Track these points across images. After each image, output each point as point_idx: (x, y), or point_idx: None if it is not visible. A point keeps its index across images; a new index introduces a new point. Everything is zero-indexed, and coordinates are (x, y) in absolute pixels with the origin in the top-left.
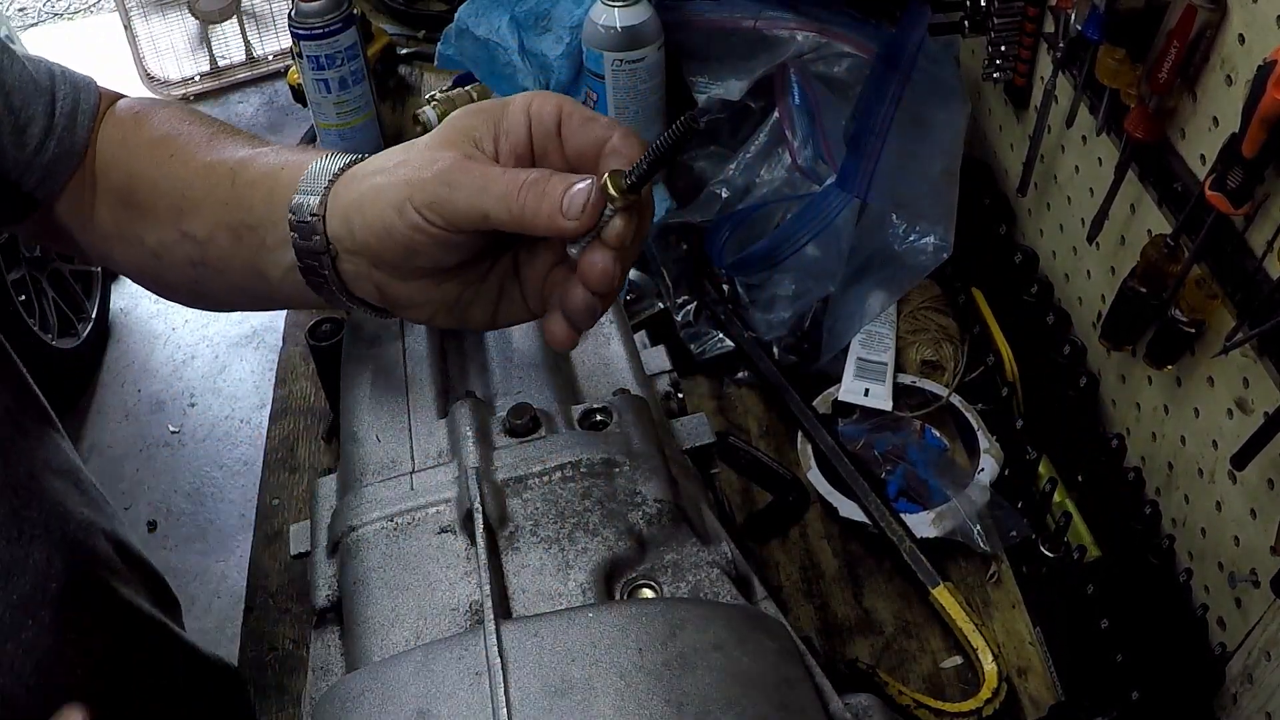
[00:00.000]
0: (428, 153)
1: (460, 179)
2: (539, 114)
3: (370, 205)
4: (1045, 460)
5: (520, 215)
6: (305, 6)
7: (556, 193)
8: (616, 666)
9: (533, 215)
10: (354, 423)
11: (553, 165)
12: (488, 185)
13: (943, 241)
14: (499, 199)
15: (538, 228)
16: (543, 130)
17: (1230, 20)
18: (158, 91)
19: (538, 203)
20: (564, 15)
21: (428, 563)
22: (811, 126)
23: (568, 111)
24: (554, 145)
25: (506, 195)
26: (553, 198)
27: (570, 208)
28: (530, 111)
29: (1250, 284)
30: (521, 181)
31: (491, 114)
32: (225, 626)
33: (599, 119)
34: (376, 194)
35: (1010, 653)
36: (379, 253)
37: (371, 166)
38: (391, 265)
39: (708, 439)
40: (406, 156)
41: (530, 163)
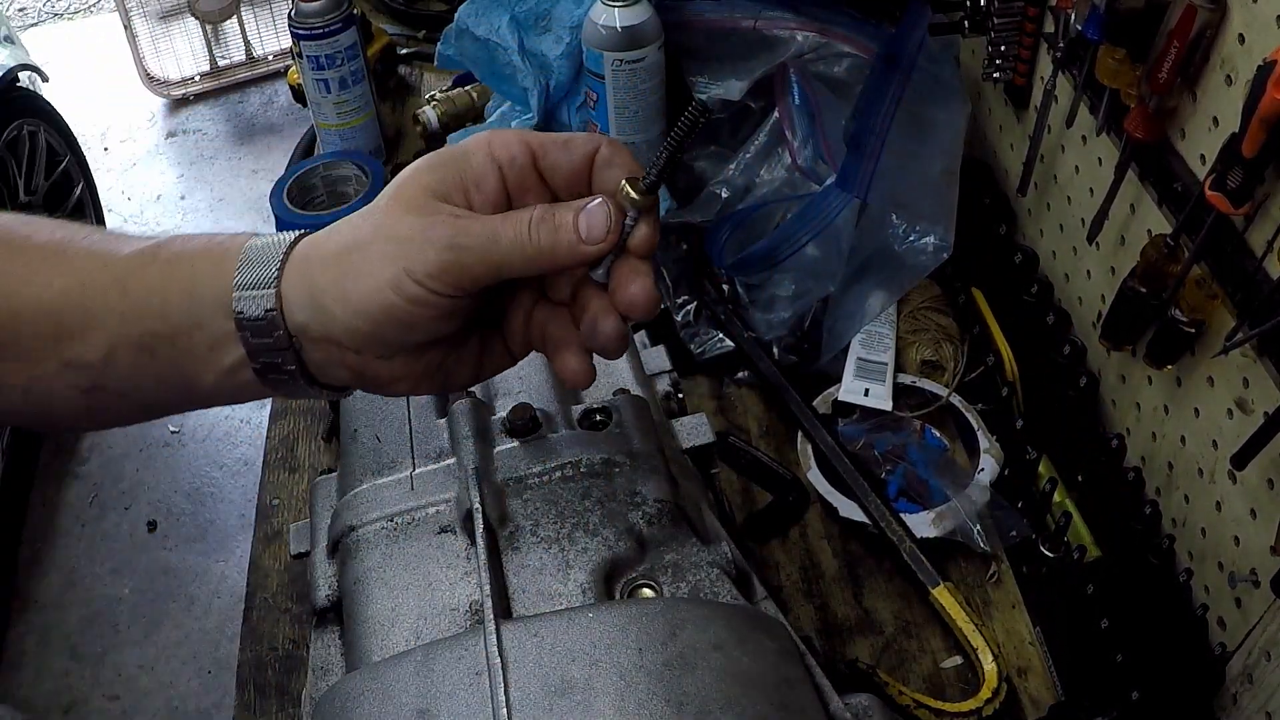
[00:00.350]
0: (408, 219)
1: (464, 240)
2: (507, 156)
3: (355, 287)
4: (1045, 460)
5: (538, 256)
6: (305, 6)
7: (569, 221)
8: (616, 666)
9: (551, 252)
10: (354, 423)
11: (533, 202)
12: (496, 237)
13: (943, 241)
14: (513, 247)
15: (559, 263)
16: (516, 170)
17: (1230, 20)
18: (158, 92)
19: (554, 237)
20: (564, 15)
21: (428, 563)
22: (811, 126)
23: (539, 143)
24: (531, 181)
25: (519, 241)
26: (567, 227)
27: (591, 231)
28: (495, 156)
29: (1250, 284)
30: (529, 221)
31: (452, 166)
32: (225, 626)
33: (575, 136)
34: (361, 273)
35: (1010, 653)
36: (370, 335)
37: (334, 244)
38: (381, 345)
39: (708, 439)
40: (379, 226)
41: (507, 207)
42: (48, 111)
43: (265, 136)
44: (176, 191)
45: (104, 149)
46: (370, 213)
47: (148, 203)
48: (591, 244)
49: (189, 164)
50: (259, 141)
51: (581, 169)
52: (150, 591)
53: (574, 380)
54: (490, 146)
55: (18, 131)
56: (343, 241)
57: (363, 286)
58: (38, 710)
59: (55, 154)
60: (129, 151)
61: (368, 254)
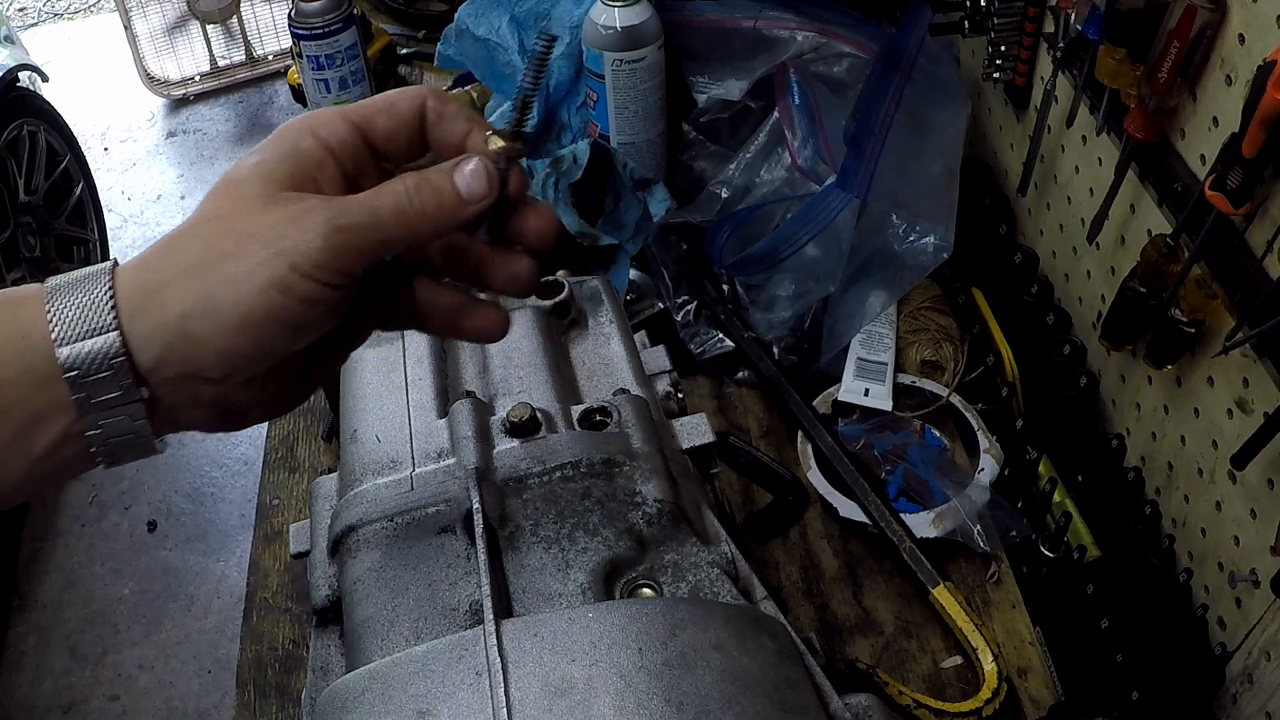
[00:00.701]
0: (270, 215)
1: (345, 219)
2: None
3: (232, 298)
4: (1045, 460)
5: (422, 222)
6: (305, 6)
7: (446, 183)
8: (616, 666)
9: (436, 215)
10: (354, 423)
11: (373, 180)
12: (376, 210)
13: (943, 241)
14: (395, 218)
15: (444, 226)
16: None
17: (1230, 20)
18: (158, 92)
19: (436, 200)
20: (564, 15)
21: (428, 563)
22: (811, 126)
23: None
24: (365, 157)
25: (400, 210)
26: (445, 189)
27: (472, 189)
28: (323, 139)
29: (1250, 284)
30: (404, 190)
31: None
32: (225, 626)
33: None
34: (236, 281)
35: (1010, 653)
36: (250, 353)
37: (184, 260)
38: (257, 362)
39: (708, 439)
40: (238, 230)
41: (353, 190)
42: (48, 111)
43: (265, 136)
44: (177, 191)
45: (104, 149)
46: (213, 220)
47: (148, 203)
48: (474, 201)
49: (189, 164)
50: (259, 141)
51: (415, 129)
52: (150, 591)
53: (493, 331)
54: (315, 131)
55: (18, 131)
56: (196, 255)
57: (243, 296)
58: (38, 710)
59: (55, 154)
60: (129, 151)
61: (238, 260)
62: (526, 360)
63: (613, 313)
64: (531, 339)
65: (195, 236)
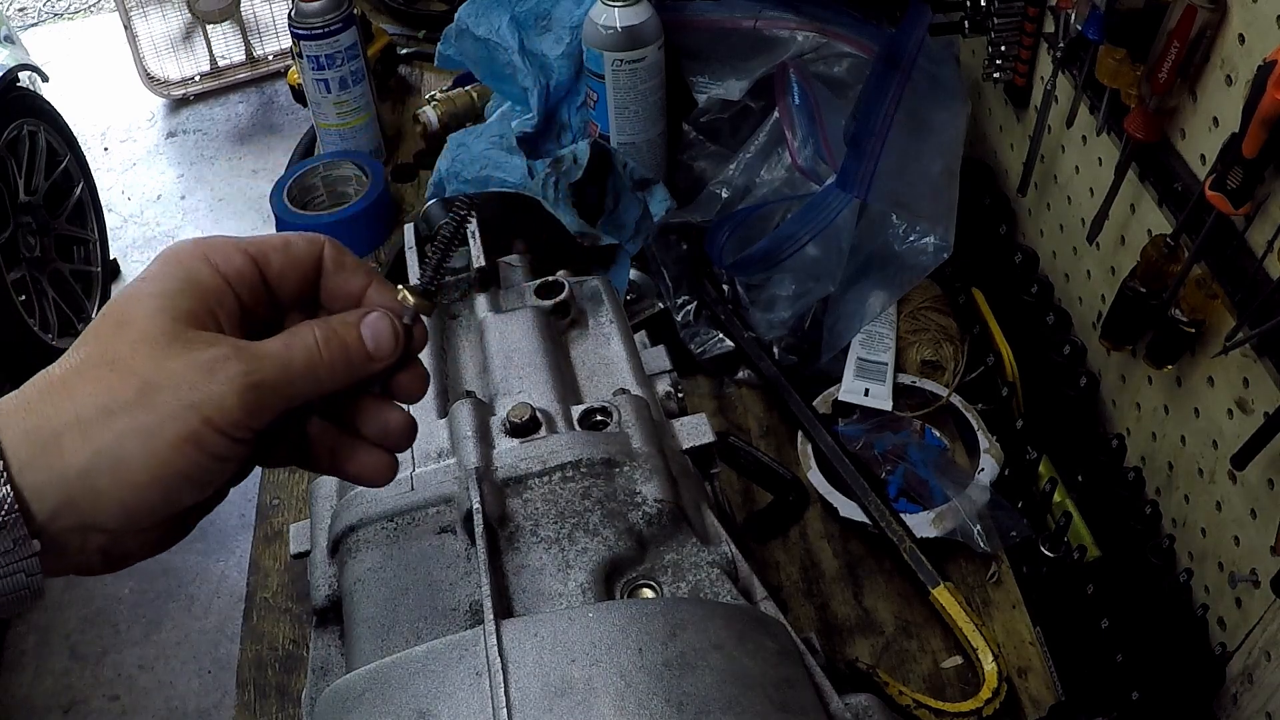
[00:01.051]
0: (179, 359)
1: (259, 374)
2: (233, 270)
3: (142, 453)
4: (1045, 460)
5: (330, 377)
6: (305, 6)
7: (353, 336)
8: (617, 666)
9: (345, 370)
10: None
11: (265, 317)
12: (288, 363)
13: (943, 241)
14: (306, 371)
15: (349, 380)
16: (245, 285)
17: (1230, 20)
18: (158, 92)
19: (345, 354)
20: (564, 15)
21: (428, 563)
22: (811, 126)
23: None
24: (260, 293)
25: (311, 364)
26: (353, 342)
27: (380, 345)
28: (221, 270)
29: (1250, 284)
30: (314, 341)
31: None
32: (225, 626)
33: (293, 240)
34: (145, 435)
35: (1010, 653)
36: (157, 505)
37: (84, 408)
38: (161, 513)
39: (708, 439)
40: (145, 375)
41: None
42: (48, 111)
43: (265, 136)
44: (177, 191)
45: (104, 149)
46: (108, 364)
47: (148, 203)
48: (381, 359)
49: (189, 164)
50: (259, 141)
51: (309, 273)
52: (150, 591)
53: (378, 477)
54: (211, 260)
55: (18, 131)
56: (95, 403)
57: (153, 450)
58: (38, 710)
59: (55, 154)
60: (129, 151)
61: (145, 411)
62: (526, 360)
63: (613, 313)
64: (531, 339)
65: (90, 380)
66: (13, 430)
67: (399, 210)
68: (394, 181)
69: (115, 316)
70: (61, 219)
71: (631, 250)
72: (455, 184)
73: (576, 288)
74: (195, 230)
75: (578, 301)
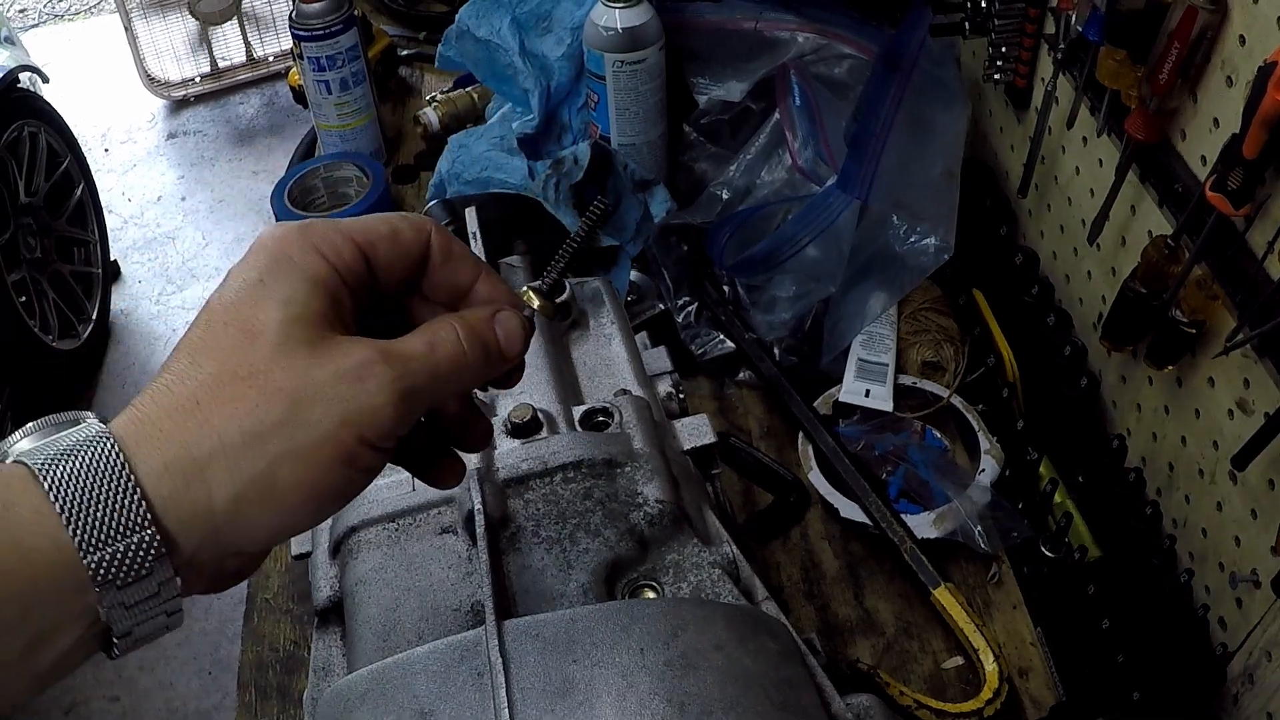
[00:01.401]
0: (322, 367)
1: (410, 380)
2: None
3: (291, 481)
4: (1046, 461)
5: (473, 377)
6: (306, 8)
7: (491, 336)
8: (618, 666)
9: (482, 369)
10: None
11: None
12: (436, 366)
13: (944, 243)
14: (451, 373)
15: (484, 379)
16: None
17: (1231, 21)
18: (158, 93)
19: (484, 353)
20: (565, 16)
21: (429, 563)
22: (812, 127)
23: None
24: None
25: (455, 365)
26: (491, 341)
27: (510, 344)
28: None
29: (1251, 285)
30: (457, 340)
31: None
32: (226, 627)
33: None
34: (297, 462)
35: (1011, 653)
36: (301, 529)
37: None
38: (296, 534)
39: (709, 440)
40: (293, 391)
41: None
42: (48, 112)
43: (266, 138)
44: (177, 193)
45: (104, 150)
46: (245, 378)
47: (148, 204)
48: (511, 358)
49: (189, 165)
50: (260, 143)
51: (417, 262)
52: None
53: (455, 479)
54: (322, 252)
55: (18, 132)
56: (244, 427)
57: (307, 473)
58: (38, 710)
59: (56, 155)
60: (129, 153)
61: (298, 431)
62: (528, 360)
63: (614, 314)
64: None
65: (230, 399)
66: (150, 463)
67: (400, 211)
68: (395, 183)
69: (241, 325)
70: (62, 220)
71: (632, 251)
72: (456, 185)
73: (578, 289)
74: (195, 231)
75: (579, 302)
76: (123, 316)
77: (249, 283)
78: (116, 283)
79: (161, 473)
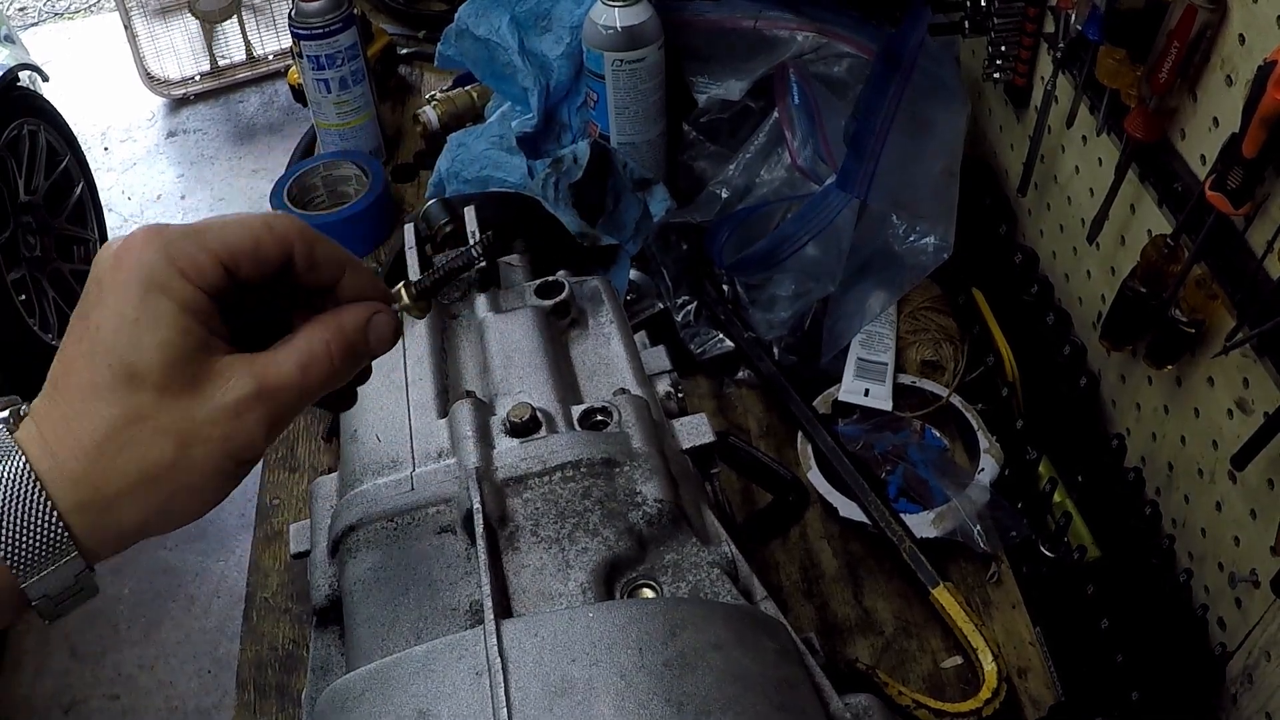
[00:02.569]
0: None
1: (285, 408)
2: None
3: (185, 507)
4: (1045, 460)
5: (341, 380)
6: (306, 6)
7: (362, 341)
8: (617, 666)
9: (351, 370)
10: (354, 422)
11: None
12: (307, 386)
13: (943, 242)
14: (321, 386)
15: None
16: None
17: (1230, 20)
18: (158, 92)
19: (354, 358)
20: (564, 15)
21: (428, 563)
22: (811, 126)
23: (311, 237)
24: None
25: (325, 378)
26: (360, 346)
27: (382, 343)
28: (278, 240)
29: (1250, 284)
30: (328, 354)
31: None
32: (225, 626)
33: (332, 254)
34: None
35: (1010, 653)
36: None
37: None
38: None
39: (708, 439)
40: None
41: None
42: (48, 111)
43: (265, 136)
44: (177, 191)
45: (104, 149)
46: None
47: (148, 202)
48: (378, 354)
49: (189, 164)
50: (259, 141)
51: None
52: (150, 591)
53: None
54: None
55: (18, 131)
56: (142, 470)
57: (198, 498)
58: (37, 709)
59: (55, 153)
60: (129, 151)
61: (189, 470)
62: (527, 360)
63: (613, 313)
64: (531, 339)
65: (127, 445)
66: (67, 500)
67: (399, 210)
68: (394, 181)
69: (125, 369)
70: (62, 219)
71: (631, 250)
72: (455, 184)
73: (576, 288)
74: None
75: (578, 301)
76: None
77: (126, 321)
78: None
79: (78, 510)
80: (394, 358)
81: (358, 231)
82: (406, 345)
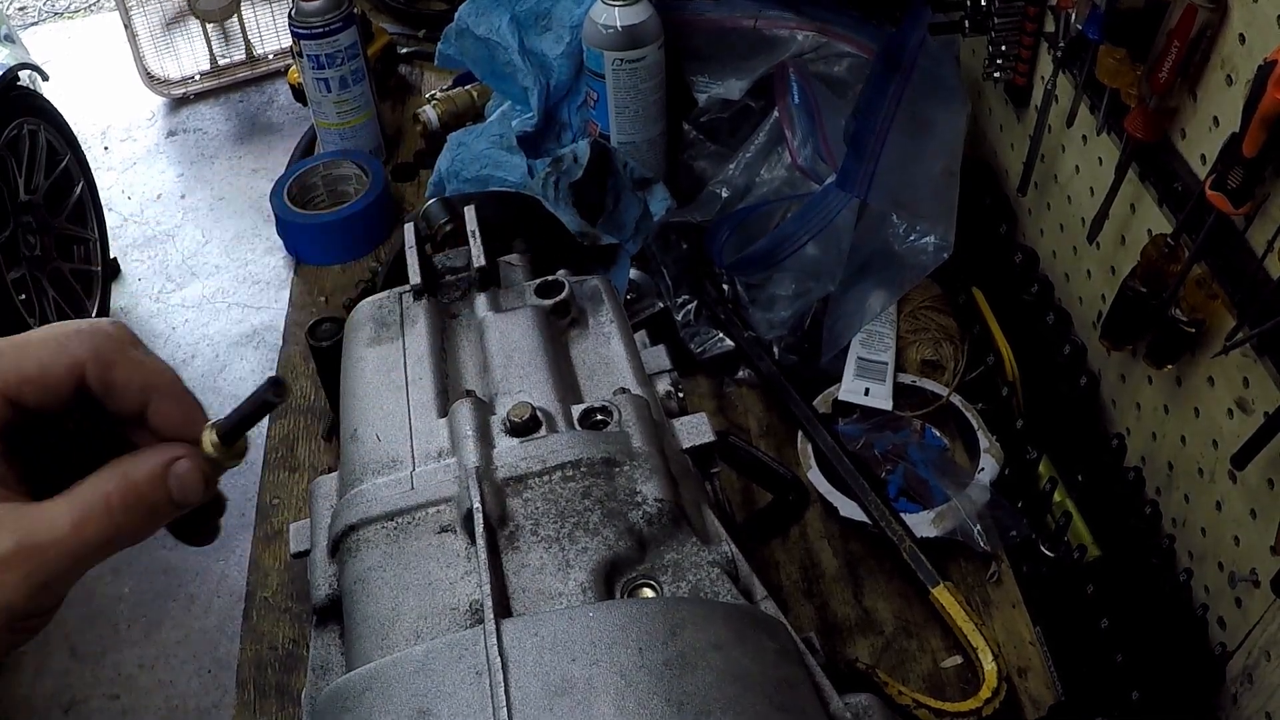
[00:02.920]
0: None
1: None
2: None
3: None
4: (1045, 460)
5: (131, 539)
6: (306, 6)
7: (161, 495)
8: (617, 666)
9: (147, 527)
10: (354, 422)
11: None
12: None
13: (943, 241)
14: (102, 546)
15: (149, 534)
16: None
17: (1231, 20)
18: (158, 91)
19: (149, 515)
20: (564, 14)
21: (428, 562)
22: (811, 126)
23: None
24: None
25: (107, 537)
26: (160, 502)
27: (188, 496)
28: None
29: (1250, 284)
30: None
31: None
32: (225, 626)
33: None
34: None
35: (1010, 652)
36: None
37: None
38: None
39: (708, 438)
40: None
41: None
42: (48, 110)
43: (266, 136)
44: (177, 190)
45: (104, 148)
46: None
47: (148, 202)
48: (185, 507)
49: (189, 163)
50: (259, 140)
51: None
52: (150, 591)
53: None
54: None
55: (18, 130)
56: None
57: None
58: (38, 709)
59: (55, 153)
60: (129, 150)
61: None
62: (527, 360)
63: (613, 312)
64: (531, 338)
65: None
66: None
67: (399, 210)
68: (394, 181)
69: None
70: (62, 218)
71: (631, 250)
72: (455, 183)
73: (576, 287)
74: (195, 229)
75: (578, 301)
76: (122, 314)
77: None
78: (116, 281)
79: None
80: (394, 357)
81: (357, 231)
82: (406, 345)
